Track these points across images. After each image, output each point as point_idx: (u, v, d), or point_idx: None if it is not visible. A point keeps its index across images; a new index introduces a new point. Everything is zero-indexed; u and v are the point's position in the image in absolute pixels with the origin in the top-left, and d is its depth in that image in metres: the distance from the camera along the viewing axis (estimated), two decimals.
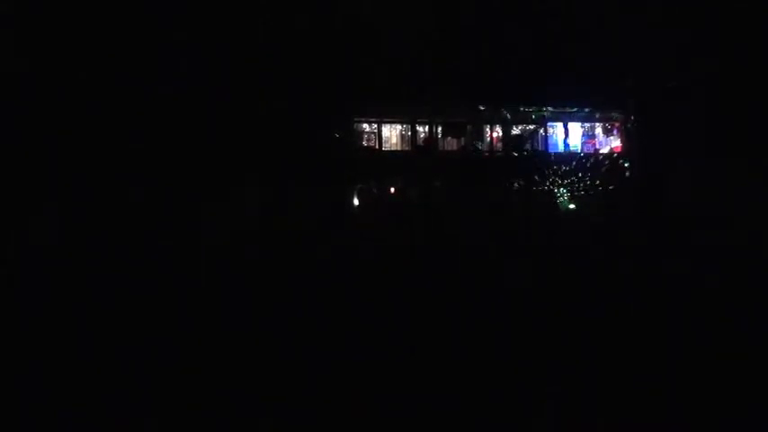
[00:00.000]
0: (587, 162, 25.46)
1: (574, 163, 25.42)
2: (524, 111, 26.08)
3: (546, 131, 26.89)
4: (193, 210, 16.60)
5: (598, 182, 24.84)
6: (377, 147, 25.51)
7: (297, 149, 20.35)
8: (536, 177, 24.81)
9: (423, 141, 25.82)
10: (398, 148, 25.90)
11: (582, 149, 26.93)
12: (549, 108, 26.06)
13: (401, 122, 25.96)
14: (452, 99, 24.30)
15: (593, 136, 27.56)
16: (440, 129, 25.87)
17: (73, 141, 16.61)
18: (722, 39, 21.39)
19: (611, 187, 24.41)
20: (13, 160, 15.74)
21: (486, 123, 26.47)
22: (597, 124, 27.52)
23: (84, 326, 7.70)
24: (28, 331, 7.54)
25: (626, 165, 25.49)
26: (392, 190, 24.97)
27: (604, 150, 26.97)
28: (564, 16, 23.81)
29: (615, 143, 27.09)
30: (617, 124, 27.05)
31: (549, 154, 26.22)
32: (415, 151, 25.43)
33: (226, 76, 19.21)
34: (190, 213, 16.39)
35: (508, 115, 26.01)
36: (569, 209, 24.85)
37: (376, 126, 25.70)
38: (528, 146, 26.90)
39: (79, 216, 15.47)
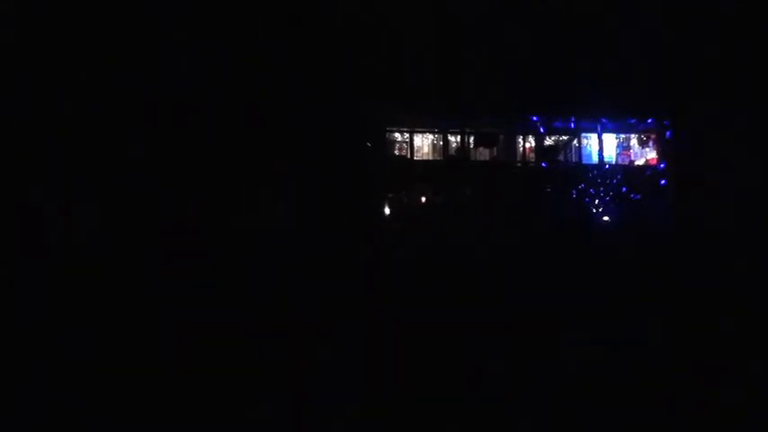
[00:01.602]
0: (622, 173, 25.08)
1: (608, 174, 25.08)
2: (557, 121, 25.82)
3: (580, 142, 26.60)
4: (228, 220, 16.86)
5: (633, 194, 24.45)
6: (408, 156, 25.61)
7: (328, 159, 20.56)
8: (569, 188, 24.54)
9: (454, 151, 25.83)
10: (430, 158, 25.96)
11: (616, 161, 26.55)
12: (583, 120, 25.76)
13: (433, 132, 26.02)
14: (485, 109, 24.29)
15: (629, 147, 27.13)
16: (472, 139, 25.83)
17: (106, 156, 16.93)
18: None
19: (646, 200, 24.00)
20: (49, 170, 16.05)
21: (519, 134, 26.31)
22: (632, 135, 27.08)
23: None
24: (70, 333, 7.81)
25: (662, 177, 25.02)
26: (423, 199, 25.01)
27: (640, 162, 26.53)
28: (600, 25, 23.62)
29: (651, 155, 26.63)
30: (653, 135, 26.59)
31: (582, 165, 25.91)
32: (446, 161, 25.45)
33: (260, 86, 19.51)
34: (225, 223, 16.65)
35: (541, 127, 25.80)
36: (603, 220, 24.51)
37: (408, 136, 25.81)
38: (561, 157, 26.65)
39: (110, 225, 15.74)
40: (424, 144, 26.18)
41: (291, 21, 20.34)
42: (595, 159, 26.33)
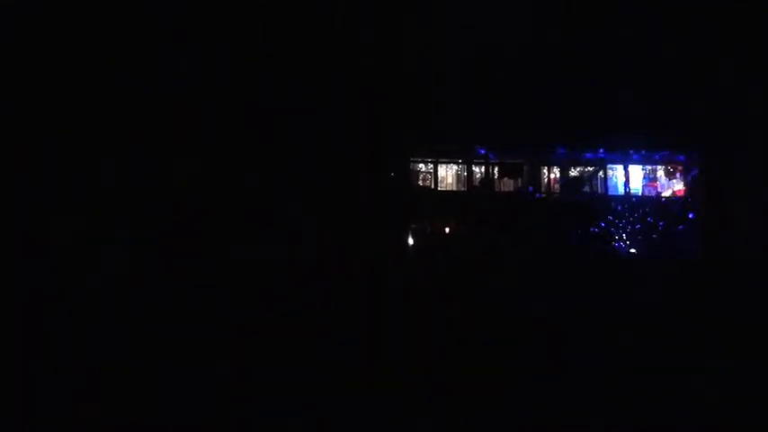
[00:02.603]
0: (648, 206, 24.81)
1: (634, 206, 24.83)
2: (582, 153, 25.75)
3: (606, 174, 26.43)
4: (256, 251, 17.00)
5: (660, 226, 24.13)
6: (432, 186, 25.70)
7: (352, 189, 20.72)
8: (595, 220, 24.31)
9: (479, 182, 25.85)
10: (454, 188, 26.00)
11: (643, 192, 26.28)
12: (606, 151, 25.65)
13: (457, 163, 26.11)
14: (509, 140, 24.40)
15: (655, 179, 26.86)
16: (496, 169, 25.85)
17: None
18: None
19: (673, 232, 23.67)
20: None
21: (543, 165, 26.26)
22: (659, 167, 26.83)
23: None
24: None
25: (689, 209, 24.68)
26: (446, 230, 24.96)
27: (666, 194, 26.22)
28: (626, 58, 23.74)
29: (678, 186, 26.32)
30: (680, 168, 26.32)
31: (609, 197, 25.69)
32: (470, 192, 25.46)
33: (288, 115, 19.89)
34: (253, 255, 16.77)
35: (565, 157, 25.75)
36: (630, 253, 24.17)
37: (432, 166, 25.94)
38: (587, 188, 26.50)
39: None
40: (448, 174, 26.26)
41: (322, 52, 20.78)
42: (621, 191, 26.13)
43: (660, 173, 26.87)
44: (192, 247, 15.86)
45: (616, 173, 26.58)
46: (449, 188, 25.97)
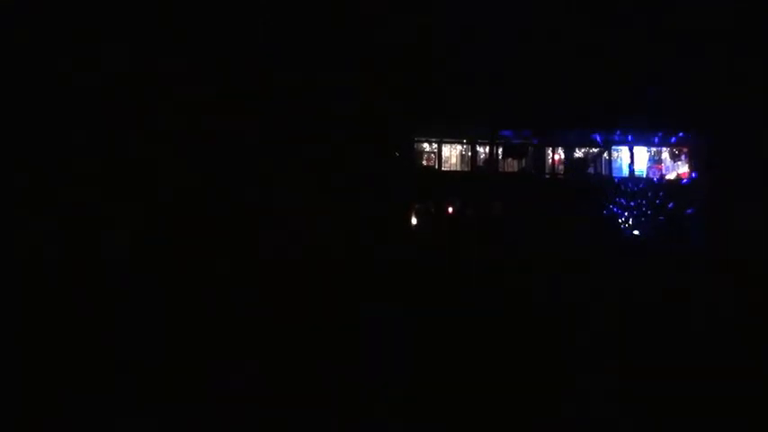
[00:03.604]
0: (653, 188, 24.73)
1: (639, 188, 24.75)
2: (587, 134, 25.59)
3: (610, 155, 26.32)
4: (263, 228, 17.11)
5: (664, 208, 24.08)
6: (436, 166, 25.67)
7: (356, 167, 20.72)
8: (599, 202, 24.28)
9: (483, 162, 25.79)
10: (458, 169, 25.97)
11: (648, 174, 26.18)
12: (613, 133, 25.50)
13: (461, 143, 26.04)
14: (514, 120, 24.29)
15: (660, 161, 26.74)
16: (500, 150, 25.76)
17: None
18: None
19: (678, 216, 23.63)
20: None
21: (548, 146, 26.16)
22: (664, 149, 26.68)
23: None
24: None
25: (694, 193, 24.60)
26: (450, 210, 25.01)
27: (671, 176, 26.12)
28: (632, 40, 23.47)
29: (683, 169, 26.20)
30: (685, 149, 26.18)
31: (613, 178, 25.61)
32: (474, 172, 25.43)
33: (291, 95, 19.82)
34: (263, 231, 16.89)
35: (570, 138, 25.61)
36: (633, 235, 24.19)
37: (436, 146, 25.88)
38: (591, 170, 26.42)
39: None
40: (452, 154, 26.21)
41: (324, 30, 20.62)
42: (626, 172, 26.04)
43: (665, 155, 26.73)
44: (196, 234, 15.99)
45: (621, 154, 26.46)
46: (453, 168, 25.95)
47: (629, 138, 25.60)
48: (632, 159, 26.09)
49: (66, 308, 9.57)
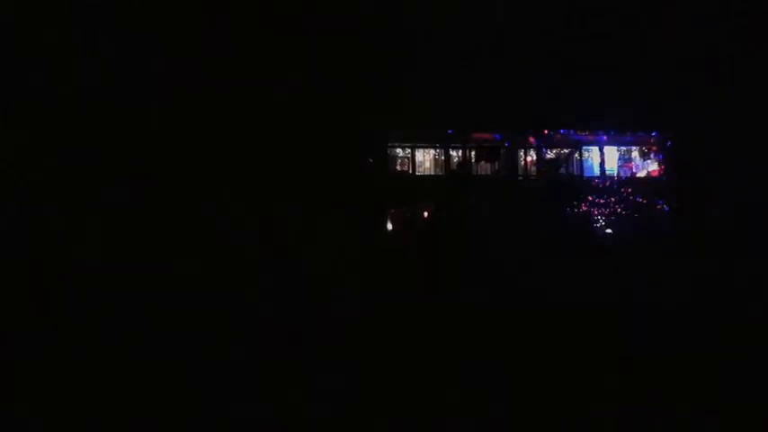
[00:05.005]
0: (623, 186, 25.11)
1: (610, 187, 25.10)
2: (558, 134, 25.92)
3: (581, 155, 26.68)
4: (231, 235, 16.87)
5: (635, 206, 24.44)
6: (410, 171, 25.72)
7: (330, 175, 20.59)
8: (571, 201, 24.53)
9: (456, 166, 25.92)
10: (432, 173, 26.05)
11: (618, 173, 26.60)
12: (584, 132, 25.86)
13: (434, 147, 26.15)
14: (485, 123, 24.48)
15: (630, 159, 27.21)
16: (473, 153, 25.93)
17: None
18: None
19: (648, 212, 24.00)
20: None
21: (520, 147, 26.42)
22: (633, 148, 27.17)
23: None
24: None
25: (662, 188, 25.05)
26: (425, 214, 25.02)
27: (641, 174, 26.58)
28: (601, 38, 23.84)
29: (652, 167, 26.68)
30: (653, 147, 26.67)
31: (584, 178, 25.96)
32: (448, 176, 25.53)
33: (262, 100, 19.61)
34: (230, 237, 16.65)
35: (541, 139, 25.90)
36: (606, 233, 24.46)
37: (409, 151, 25.95)
38: (563, 170, 26.73)
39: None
40: (425, 159, 26.30)
41: (297, 36, 20.46)
42: (597, 172, 26.41)
43: (635, 153, 27.22)
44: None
45: (591, 154, 26.86)
46: (427, 173, 26.03)
47: (600, 138, 26.01)
48: (603, 159, 26.48)
49: None
